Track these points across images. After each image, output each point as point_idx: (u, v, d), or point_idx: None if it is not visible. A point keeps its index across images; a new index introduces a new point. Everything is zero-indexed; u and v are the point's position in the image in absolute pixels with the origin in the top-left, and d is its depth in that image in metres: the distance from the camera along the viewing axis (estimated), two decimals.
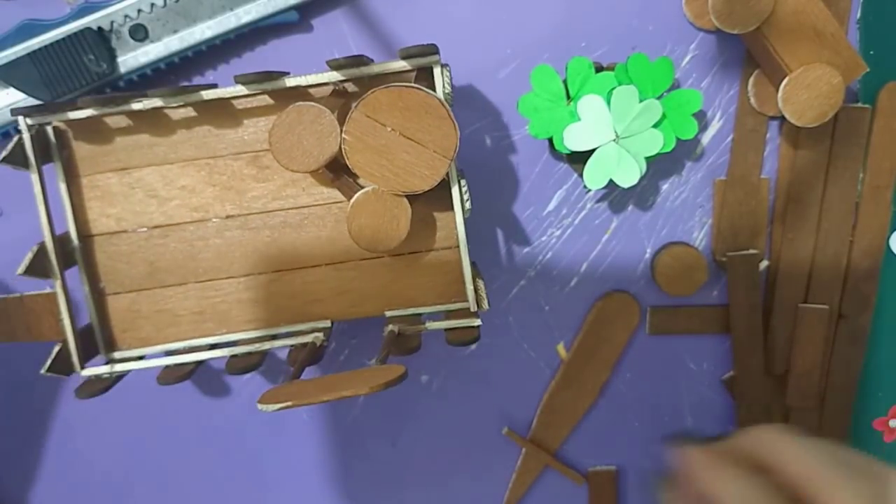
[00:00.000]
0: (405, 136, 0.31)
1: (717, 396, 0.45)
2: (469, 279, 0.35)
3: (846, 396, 0.44)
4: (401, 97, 0.31)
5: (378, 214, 0.32)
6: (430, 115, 0.31)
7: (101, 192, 0.35)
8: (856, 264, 0.42)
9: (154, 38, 0.37)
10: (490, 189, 0.42)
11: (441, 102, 0.31)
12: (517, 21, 0.40)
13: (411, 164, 0.32)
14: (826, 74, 0.37)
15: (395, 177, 0.32)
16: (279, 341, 0.36)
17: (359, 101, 0.31)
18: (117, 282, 0.36)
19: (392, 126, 0.31)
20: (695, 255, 0.42)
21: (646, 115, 0.38)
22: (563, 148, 0.38)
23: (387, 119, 0.31)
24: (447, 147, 0.32)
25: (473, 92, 0.41)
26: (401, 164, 0.32)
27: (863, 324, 0.43)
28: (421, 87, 0.31)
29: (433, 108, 0.31)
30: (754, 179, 0.42)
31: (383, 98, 0.31)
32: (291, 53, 0.40)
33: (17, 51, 0.36)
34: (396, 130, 0.31)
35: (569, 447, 0.45)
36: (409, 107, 0.31)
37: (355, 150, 0.32)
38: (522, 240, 0.43)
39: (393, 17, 0.40)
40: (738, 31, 0.37)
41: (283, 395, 0.28)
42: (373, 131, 0.31)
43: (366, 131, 0.31)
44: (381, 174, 0.32)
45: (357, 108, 0.31)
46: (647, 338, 0.44)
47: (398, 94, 0.31)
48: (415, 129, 0.31)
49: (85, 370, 0.35)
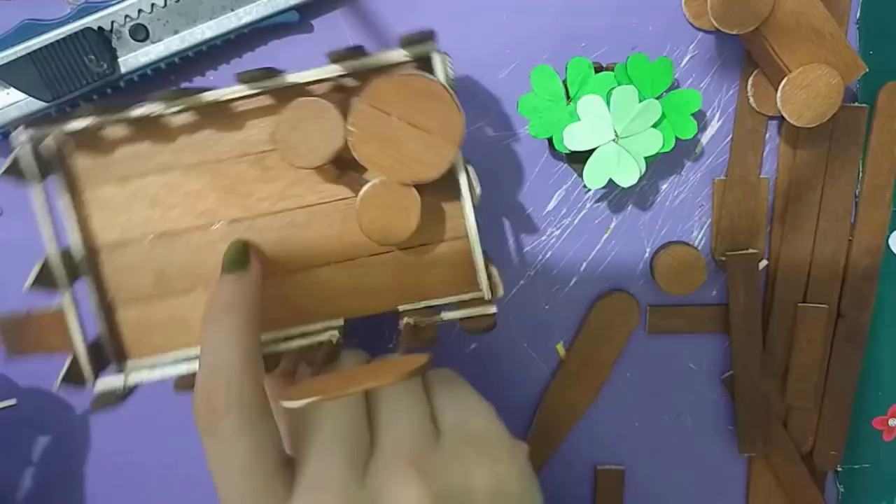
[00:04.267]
0: (411, 124, 0.31)
1: (717, 396, 0.45)
2: (481, 267, 0.35)
3: (845, 396, 0.44)
4: (404, 84, 0.30)
5: (388, 206, 0.32)
6: (434, 102, 0.31)
7: (103, 204, 0.35)
8: (855, 264, 0.42)
9: (154, 39, 0.37)
10: (490, 189, 0.42)
11: (445, 87, 0.31)
12: (517, 21, 0.40)
13: (419, 153, 0.31)
14: (825, 74, 0.37)
15: (404, 166, 0.31)
16: (295, 342, 0.35)
17: (363, 92, 0.31)
18: (125, 292, 0.35)
19: (397, 115, 0.31)
20: (694, 254, 0.42)
21: (645, 114, 0.38)
22: (562, 148, 0.39)
23: (392, 108, 0.31)
24: (453, 132, 0.31)
25: (473, 92, 0.41)
26: (408, 153, 0.31)
27: (862, 323, 0.43)
28: (424, 73, 0.31)
29: (437, 93, 0.31)
30: (753, 179, 0.42)
31: (387, 87, 0.30)
32: (291, 53, 0.40)
33: (17, 51, 0.36)
34: (402, 119, 0.31)
35: (568, 446, 0.45)
36: (413, 94, 0.31)
37: (362, 142, 0.31)
38: (522, 240, 0.43)
39: (393, 18, 0.40)
40: (737, 31, 0.37)
41: (307, 390, 0.28)
42: (378, 122, 0.31)
43: (371, 122, 0.31)
44: (389, 165, 0.31)
45: (361, 98, 0.31)
46: (647, 337, 0.44)
47: (402, 82, 0.30)
48: (420, 116, 0.31)
49: (98, 382, 0.34)
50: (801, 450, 0.45)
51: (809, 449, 0.45)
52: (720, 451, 0.46)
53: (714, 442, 0.46)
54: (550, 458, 0.45)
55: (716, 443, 0.46)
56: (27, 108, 0.37)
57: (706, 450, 0.46)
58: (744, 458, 0.46)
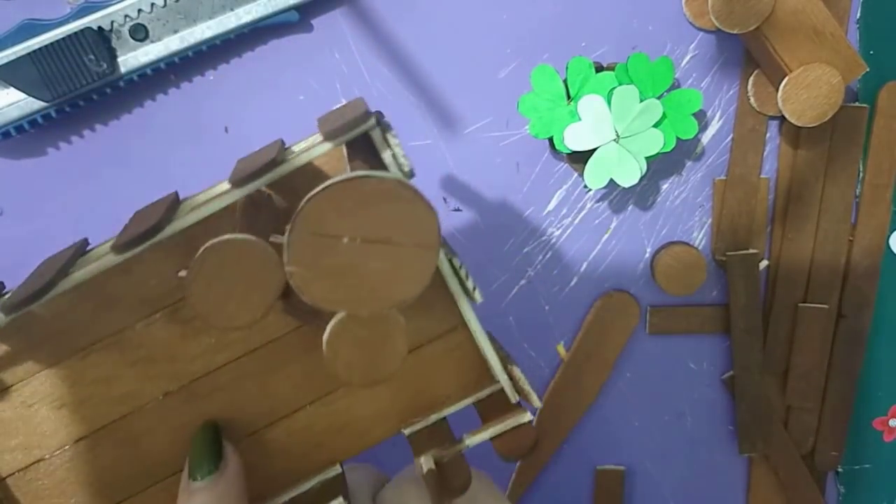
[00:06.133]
0: (368, 240, 0.23)
1: (717, 396, 0.45)
2: (498, 368, 0.28)
3: (846, 396, 0.44)
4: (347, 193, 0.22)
5: (364, 340, 0.24)
6: (391, 205, 0.23)
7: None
8: (855, 264, 0.42)
9: (154, 38, 0.37)
10: (490, 189, 0.42)
11: (400, 182, 0.23)
12: (517, 21, 0.40)
13: (388, 272, 0.23)
14: (826, 74, 0.37)
15: (373, 294, 0.23)
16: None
17: (294, 220, 0.22)
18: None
19: (348, 235, 0.23)
20: (695, 254, 0.42)
21: (646, 114, 0.38)
22: (563, 148, 0.39)
23: (338, 228, 0.23)
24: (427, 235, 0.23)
25: (473, 92, 0.41)
26: (374, 277, 0.23)
27: (862, 323, 0.43)
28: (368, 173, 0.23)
29: (393, 193, 0.23)
30: (754, 179, 0.42)
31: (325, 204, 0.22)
32: (291, 53, 0.40)
33: (17, 51, 0.36)
34: (355, 238, 0.23)
35: (568, 446, 0.45)
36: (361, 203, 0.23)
37: (310, 282, 0.23)
38: (522, 240, 0.43)
39: (393, 17, 0.40)
40: (737, 30, 0.37)
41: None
42: (326, 250, 0.23)
43: (317, 253, 0.23)
44: (352, 298, 0.23)
45: (294, 229, 0.22)
46: (647, 337, 0.44)
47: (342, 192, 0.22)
48: (378, 228, 0.23)
49: None
50: (801, 450, 0.45)
51: (810, 449, 0.45)
52: (720, 451, 0.46)
53: (714, 442, 0.46)
54: (550, 458, 0.45)
55: (716, 443, 0.46)
56: (27, 108, 0.37)
57: (706, 450, 0.46)
58: (744, 458, 0.46)
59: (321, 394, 0.29)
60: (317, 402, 0.29)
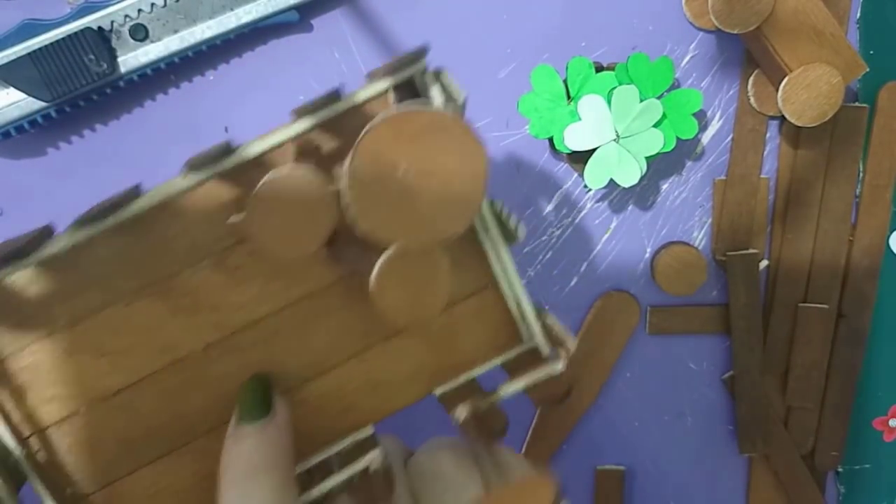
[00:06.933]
0: (422, 171, 0.24)
1: (717, 396, 0.45)
2: (532, 318, 0.28)
3: (846, 396, 0.44)
4: (405, 124, 0.23)
5: (411, 279, 0.25)
6: (445, 137, 0.24)
7: (30, 374, 0.27)
8: (855, 263, 0.42)
9: (154, 38, 0.37)
10: (490, 189, 0.42)
11: (453, 116, 0.24)
12: (517, 21, 0.40)
13: (438, 204, 0.24)
14: (826, 74, 0.37)
15: (423, 226, 0.24)
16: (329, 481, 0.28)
17: (354, 149, 0.23)
18: (87, 478, 0.27)
19: (403, 165, 0.24)
20: (695, 254, 0.42)
21: (646, 114, 0.38)
22: (563, 148, 0.39)
23: (395, 159, 0.24)
24: (476, 169, 0.25)
25: (473, 92, 0.41)
26: (425, 208, 0.24)
27: (862, 323, 0.43)
28: (424, 104, 0.25)
29: (447, 126, 0.24)
30: (754, 179, 0.42)
31: (384, 133, 0.23)
32: (291, 53, 0.40)
33: (17, 51, 0.36)
34: (410, 168, 0.24)
35: (568, 446, 0.45)
36: (417, 134, 0.24)
37: (367, 211, 0.24)
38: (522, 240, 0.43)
39: (393, 17, 0.40)
40: (737, 30, 0.37)
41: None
42: (382, 180, 0.24)
43: (373, 183, 0.23)
44: (405, 228, 0.24)
45: (356, 155, 0.23)
46: (647, 337, 0.44)
47: (401, 122, 0.23)
48: (432, 158, 0.24)
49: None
50: (801, 450, 0.45)
51: (810, 449, 0.45)
52: (720, 451, 0.46)
53: (714, 442, 0.46)
54: (550, 458, 0.45)
55: (716, 443, 0.46)
56: (27, 108, 0.37)
57: (706, 450, 0.46)
58: (744, 458, 0.46)
59: (357, 352, 0.28)
60: (352, 360, 0.28)
